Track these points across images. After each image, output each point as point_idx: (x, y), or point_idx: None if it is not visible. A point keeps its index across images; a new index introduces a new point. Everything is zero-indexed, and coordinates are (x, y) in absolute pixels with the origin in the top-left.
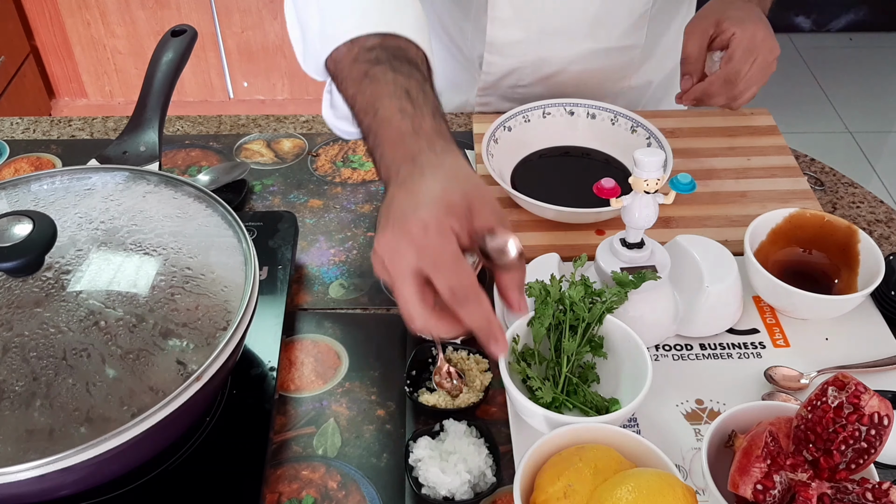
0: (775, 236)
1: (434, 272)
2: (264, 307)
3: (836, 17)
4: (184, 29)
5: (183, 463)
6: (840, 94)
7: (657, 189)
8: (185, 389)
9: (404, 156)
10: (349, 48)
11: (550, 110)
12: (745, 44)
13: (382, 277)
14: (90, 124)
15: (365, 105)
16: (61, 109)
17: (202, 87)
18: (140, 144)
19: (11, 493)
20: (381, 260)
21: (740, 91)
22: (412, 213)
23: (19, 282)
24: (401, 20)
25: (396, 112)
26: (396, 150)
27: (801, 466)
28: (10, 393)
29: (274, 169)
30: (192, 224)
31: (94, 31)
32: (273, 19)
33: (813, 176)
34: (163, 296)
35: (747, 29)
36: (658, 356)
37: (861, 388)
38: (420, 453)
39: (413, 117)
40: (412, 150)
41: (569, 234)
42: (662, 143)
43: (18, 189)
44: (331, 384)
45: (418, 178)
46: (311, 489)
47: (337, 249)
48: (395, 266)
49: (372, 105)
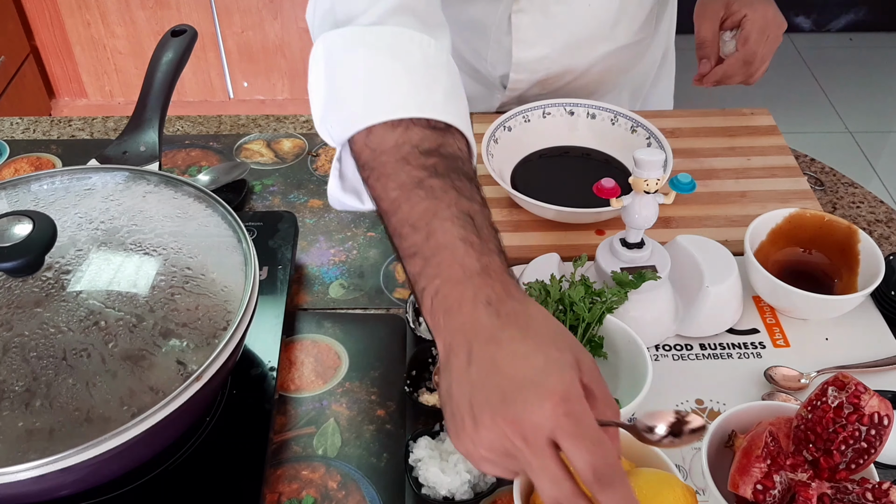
0: (775, 236)
1: (575, 446)
2: (264, 307)
3: (836, 17)
4: (184, 29)
5: (183, 463)
6: (840, 94)
7: (657, 189)
8: (185, 389)
9: (475, 302)
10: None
11: (550, 110)
12: (759, 24)
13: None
14: (90, 124)
15: (415, 219)
16: (61, 109)
17: (202, 87)
18: (140, 144)
19: (11, 494)
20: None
21: (755, 68)
22: (541, 379)
23: (19, 282)
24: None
25: (459, 242)
26: (463, 292)
27: (801, 466)
28: (10, 393)
29: (274, 169)
30: (192, 224)
31: (94, 31)
32: (273, 19)
33: (813, 176)
34: (163, 296)
35: (758, 9)
36: (658, 356)
37: (861, 388)
38: (420, 453)
39: (481, 253)
40: (487, 295)
41: (569, 234)
42: (662, 143)
43: (18, 189)
44: (331, 384)
45: (515, 333)
46: (311, 489)
47: (337, 249)
48: (532, 440)
49: (426, 223)
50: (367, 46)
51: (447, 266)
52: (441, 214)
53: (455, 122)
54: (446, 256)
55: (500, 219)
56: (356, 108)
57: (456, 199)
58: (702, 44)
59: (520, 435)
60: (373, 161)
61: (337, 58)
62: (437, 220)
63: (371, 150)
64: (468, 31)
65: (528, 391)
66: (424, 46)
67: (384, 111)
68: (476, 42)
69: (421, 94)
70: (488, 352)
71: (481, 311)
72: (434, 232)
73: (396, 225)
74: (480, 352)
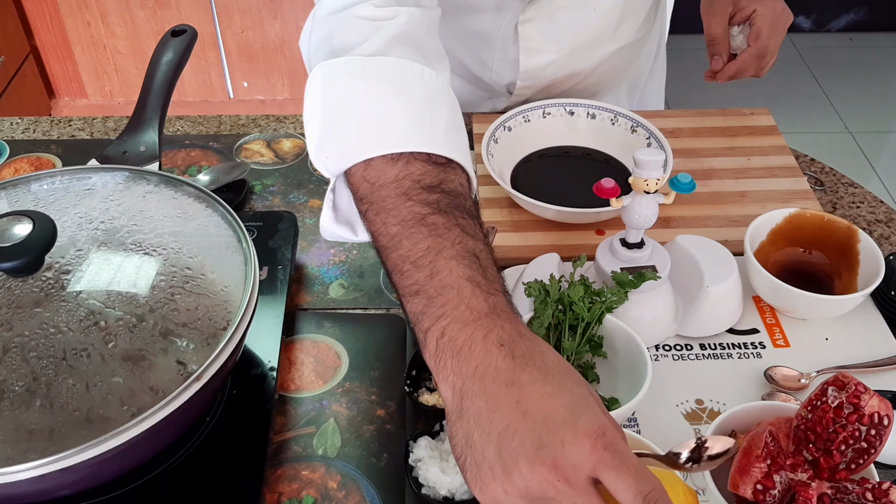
0: (775, 236)
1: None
2: (264, 307)
3: (837, 17)
4: (184, 29)
5: (183, 463)
6: (840, 94)
7: (657, 189)
8: (185, 389)
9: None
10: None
11: (550, 110)
12: (770, 19)
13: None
14: (90, 124)
15: (416, 256)
16: (61, 109)
17: (202, 87)
18: (140, 144)
19: (11, 494)
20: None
21: (767, 62)
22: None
23: (19, 282)
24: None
25: (465, 282)
26: (473, 332)
27: (801, 466)
28: (10, 393)
29: (274, 169)
30: (192, 224)
31: (94, 31)
32: (273, 19)
33: (813, 176)
34: (163, 296)
35: (767, 4)
36: (658, 356)
37: (861, 388)
38: (420, 453)
39: (488, 293)
40: (498, 336)
41: (569, 234)
42: (662, 143)
43: (18, 189)
44: (331, 384)
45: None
46: (310, 489)
47: (337, 249)
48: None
49: (429, 261)
50: (367, 77)
51: (453, 307)
52: (445, 253)
53: (456, 156)
54: (452, 297)
55: (500, 219)
56: (354, 140)
57: (460, 236)
58: (713, 41)
59: (562, 477)
60: (371, 195)
61: (336, 87)
62: (442, 258)
63: (370, 184)
64: (472, 41)
65: (565, 431)
66: (426, 78)
67: (385, 144)
68: (480, 52)
69: (422, 127)
70: (511, 396)
71: (494, 353)
72: (439, 271)
73: (397, 261)
74: (503, 396)
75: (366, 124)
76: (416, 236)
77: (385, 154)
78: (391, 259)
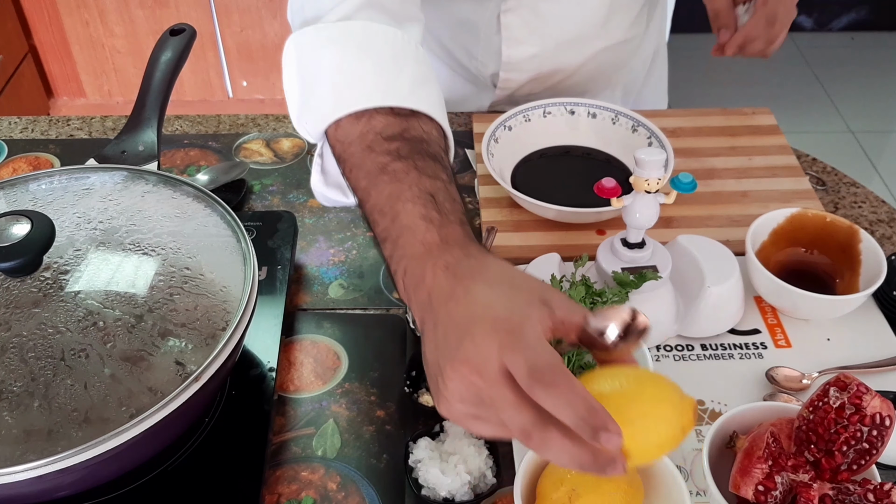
0: (777, 236)
1: (513, 353)
2: (263, 307)
3: (838, 17)
4: (182, 28)
5: (182, 464)
6: (842, 94)
7: (658, 189)
8: (184, 390)
9: (435, 269)
10: (362, 131)
11: (551, 110)
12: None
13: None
14: (88, 124)
15: (381, 204)
16: (60, 109)
17: (201, 87)
18: (139, 144)
19: (10, 494)
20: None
21: (776, 32)
22: (487, 313)
23: (17, 282)
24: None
25: (420, 220)
26: (425, 265)
27: (802, 467)
28: (8, 394)
29: (273, 168)
30: (190, 224)
31: (92, 30)
32: (272, 18)
33: (815, 176)
34: (161, 296)
35: None
36: (659, 356)
37: (863, 389)
38: (420, 454)
39: (441, 226)
40: (445, 261)
41: (569, 234)
42: (663, 142)
43: (16, 189)
44: (330, 385)
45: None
46: (310, 490)
47: (336, 249)
48: (486, 373)
49: (391, 207)
50: (333, 42)
51: (410, 245)
52: (403, 196)
53: (421, 107)
54: (409, 237)
55: (500, 218)
56: (325, 103)
57: (417, 179)
58: (716, 15)
59: (476, 372)
60: (343, 153)
61: (306, 55)
62: (401, 202)
63: (341, 143)
64: (458, 30)
65: (477, 328)
66: (391, 38)
67: (349, 104)
68: (466, 41)
69: (385, 83)
70: (448, 310)
71: (440, 276)
72: (398, 214)
73: (369, 212)
74: (442, 312)
75: (334, 88)
76: (379, 186)
77: (350, 113)
78: (365, 211)
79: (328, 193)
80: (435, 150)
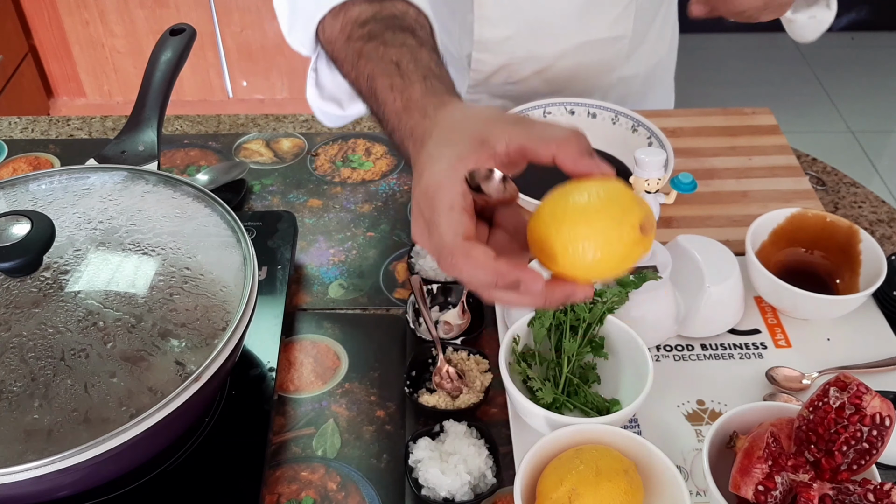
0: (777, 236)
1: (427, 239)
2: (263, 307)
3: (838, 17)
4: (182, 28)
5: (182, 464)
6: (842, 94)
7: (658, 189)
8: (184, 390)
9: (405, 137)
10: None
11: (551, 109)
12: None
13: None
14: (88, 124)
15: (366, 90)
16: (59, 109)
17: (201, 87)
18: (139, 144)
19: (10, 494)
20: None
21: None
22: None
23: (17, 282)
24: None
25: (388, 92)
26: (402, 132)
27: (802, 467)
28: (9, 394)
29: (273, 168)
30: (190, 224)
31: (92, 30)
32: (272, 18)
33: (815, 176)
34: (161, 296)
35: None
36: (659, 357)
37: (863, 389)
38: (420, 454)
39: (402, 91)
40: (410, 127)
41: None
42: (663, 142)
43: (17, 189)
44: (330, 385)
45: (419, 151)
46: (310, 490)
47: (336, 249)
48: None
49: (371, 89)
50: None
51: (386, 120)
52: (376, 71)
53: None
54: (384, 110)
55: None
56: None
57: (384, 52)
58: None
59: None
60: (333, 53)
61: None
62: (375, 80)
63: (330, 44)
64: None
65: (415, 204)
66: None
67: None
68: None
69: None
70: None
71: (409, 147)
72: (376, 92)
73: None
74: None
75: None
76: (359, 69)
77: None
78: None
79: (324, 107)
80: (408, 24)
